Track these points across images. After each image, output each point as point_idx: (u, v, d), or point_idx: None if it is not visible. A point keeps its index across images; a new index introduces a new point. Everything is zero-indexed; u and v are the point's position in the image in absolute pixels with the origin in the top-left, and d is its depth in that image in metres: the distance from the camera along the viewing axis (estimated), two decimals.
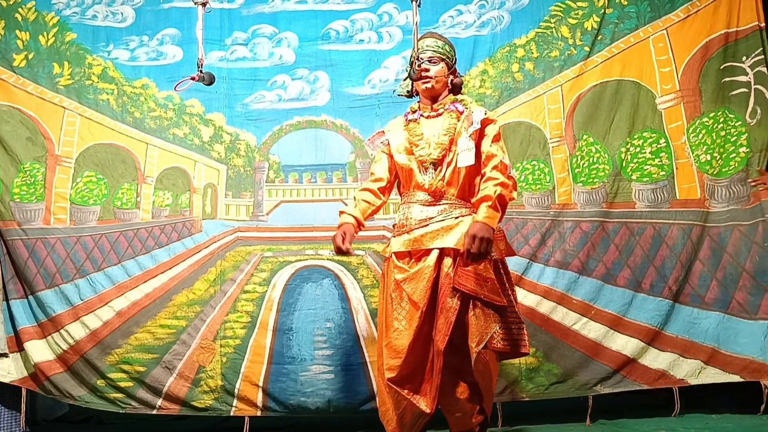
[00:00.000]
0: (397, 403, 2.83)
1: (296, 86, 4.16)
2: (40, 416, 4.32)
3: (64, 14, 4.18)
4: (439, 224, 2.89)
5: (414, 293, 2.81)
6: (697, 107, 4.01)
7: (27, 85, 4.09)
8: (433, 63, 3.01)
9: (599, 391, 3.87)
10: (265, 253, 4.03)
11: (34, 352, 3.89)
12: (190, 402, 3.86)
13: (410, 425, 2.85)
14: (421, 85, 3.02)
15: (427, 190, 2.96)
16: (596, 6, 4.12)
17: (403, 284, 2.84)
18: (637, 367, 3.86)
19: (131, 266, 4.00)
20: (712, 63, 4.01)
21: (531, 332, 3.76)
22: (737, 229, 3.90)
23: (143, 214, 4.07)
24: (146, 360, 3.89)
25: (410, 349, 2.79)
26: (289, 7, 4.23)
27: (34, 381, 3.91)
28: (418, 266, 2.85)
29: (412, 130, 3.03)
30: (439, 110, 3.03)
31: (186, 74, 3.89)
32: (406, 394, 2.81)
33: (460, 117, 2.98)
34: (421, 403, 2.80)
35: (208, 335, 3.92)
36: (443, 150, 2.95)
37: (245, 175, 4.13)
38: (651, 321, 3.88)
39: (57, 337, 3.90)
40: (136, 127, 4.12)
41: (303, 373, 3.84)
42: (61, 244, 3.98)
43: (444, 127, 2.97)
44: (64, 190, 4.04)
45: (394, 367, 2.79)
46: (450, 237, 2.84)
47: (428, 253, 2.86)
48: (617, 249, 3.98)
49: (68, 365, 3.89)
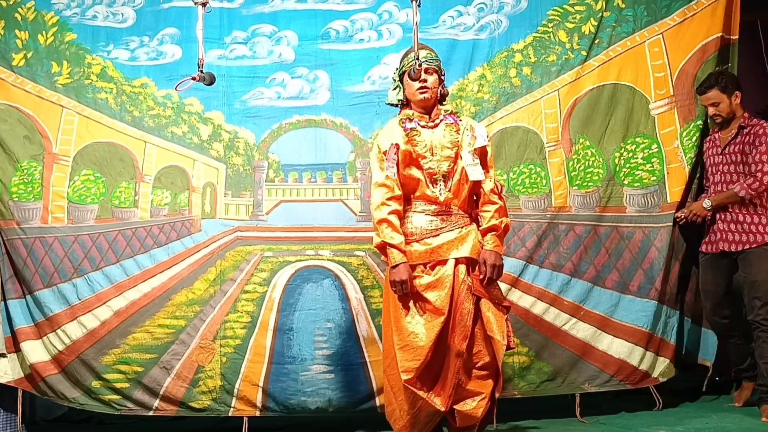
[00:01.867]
0: (413, 402, 2.98)
1: (296, 85, 4.15)
2: (39, 416, 4.33)
3: (65, 15, 4.13)
4: (450, 234, 3.05)
5: (437, 300, 2.96)
6: (691, 110, 4.08)
7: (25, 83, 4.05)
8: (428, 74, 3.12)
9: (587, 390, 3.98)
10: (266, 252, 4.04)
11: (31, 352, 3.89)
12: (188, 403, 3.87)
13: (424, 423, 3.02)
14: (419, 95, 3.12)
15: (435, 201, 3.07)
16: (594, 10, 4.14)
17: (425, 292, 2.98)
18: (624, 366, 3.96)
19: (130, 265, 3.99)
20: (708, 66, 4.07)
21: (524, 332, 3.95)
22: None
23: (141, 213, 4.05)
24: (144, 360, 3.89)
25: (430, 351, 2.93)
26: (289, 6, 4.20)
27: (30, 382, 3.91)
28: (439, 274, 3.00)
29: (415, 140, 3.09)
30: (436, 120, 3.15)
31: (185, 73, 3.92)
32: (423, 393, 2.94)
33: (459, 129, 3.12)
34: (436, 401, 2.95)
35: (208, 335, 3.92)
36: (451, 163, 3.09)
37: (244, 174, 4.12)
38: (637, 322, 3.99)
39: (53, 338, 3.88)
40: (134, 125, 4.08)
41: (303, 373, 3.88)
42: (59, 243, 3.96)
43: (448, 140, 3.10)
44: (62, 189, 4.01)
45: (412, 369, 2.92)
46: (464, 247, 3.04)
47: (443, 263, 3.02)
48: (607, 252, 4.07)
49: (62, 366, 3.88)
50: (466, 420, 3.02)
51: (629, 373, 3.97)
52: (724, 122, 3.91)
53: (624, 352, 3.97)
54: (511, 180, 4.09)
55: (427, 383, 2.98)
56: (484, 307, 2.98)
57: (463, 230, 3.06)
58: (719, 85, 3.84)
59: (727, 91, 3.85)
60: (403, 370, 2.92)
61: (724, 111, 3.87)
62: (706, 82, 3.90)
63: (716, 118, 3.91)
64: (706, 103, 3.91)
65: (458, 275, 3.00)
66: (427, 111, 3.17)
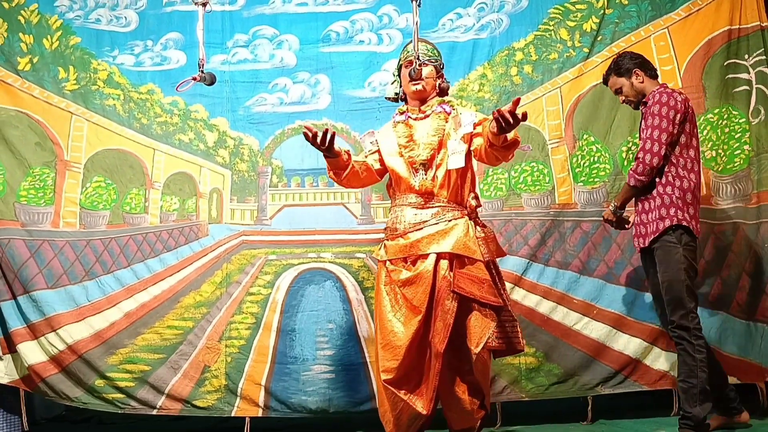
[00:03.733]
0: (394, 404, 2.87)
1: (297, 89, 4.21)
2: (39, 415, 4.41)
3: (67, 17, 4.20)
4: (434, 228, 2.92)
5: (414, 297, 2.85)
6: (701, 104, 3.98)
7: (33, 89, 4.12)
8: (423, 65, 3.04)
9: (600, 392, 3.89)
10: (270, 256, 4.10)
11: (28, 353, 3.92)
12: (192, 401, 3.93)
13: (407, 426, 2.90)
14: (412, 86, 3.06)
15: (417, 192, 2.99)
16: (595, 7, 4.11)
17: (402, 288, 2.88)
18: (640, 367, 3.87)
19: (140, 269, 4.09)
20: (716, 59, 3.98)
21: (530, 332, 3.88)
22: (741, 227, 3.87)
23: (151, 219, 4.15)
24: (152, 360, 3.98)
25: (407, 351, 2.82)
26: (290, 9, 4.26)
27: (28, 383, 3.95)
28: (417, 270, 2.87)
29: (401, 132, 3.08)
30: (426, 112, 3.08)
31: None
32: (403, 395, 2.84)
33: (447, 118, 3.03)
34: (417, 404, 2.84)
35: (214, 336, 4.00)
36: (432, 150, 3.00)
37: (249, 180, 4.20)
38: (654, 320, 3.83)
39: (52, 338, 3.92)
40: (143, 132, 4.19)
41: (305, 373, 3.92)
42: (69, 247, 4.06)
43: (433, 127, 3.02)
44: (74, 195, 4.11)
45: (391, 369, 2.83)
46: (446, 242, 2.87)
47: (425, 258, 2.89)
48: (619, 248, 3.98)
49: (63, 366, 3.92)
50: (461, 425, 2.96)
51: (644, 374, 3.86)
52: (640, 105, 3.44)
53: (640, 352, 3.87)
54: (513, 178, 4.07)
55: (409, 384, 2.86)
56: (467, 309, 2.84)
57: (449, 224, 2.91)
58: (614, 71, 3.45)
59: (624, 73, 3.42)
60: (382, 369, 2.85)
61: (630, 94, 3.43)
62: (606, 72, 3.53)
63: (629, 104, 3.50)
64: (614, 94, 3.53)
65: (439, 271, 2.85)
66: (422, 103, 3.11)
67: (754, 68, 3.96)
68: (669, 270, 3.20)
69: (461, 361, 2.85)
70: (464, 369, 2.86)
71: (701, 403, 3.13)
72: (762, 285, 3.78)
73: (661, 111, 3.21)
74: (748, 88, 3.96)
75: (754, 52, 3.96)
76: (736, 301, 3.83)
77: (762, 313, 3.76)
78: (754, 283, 3.80)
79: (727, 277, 3.86)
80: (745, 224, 3.88)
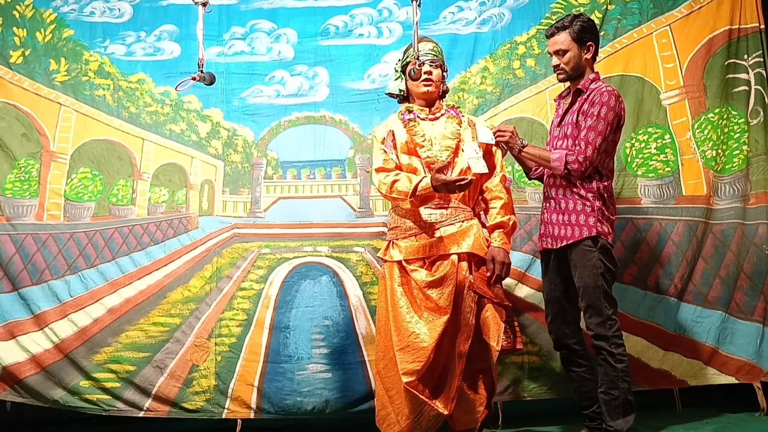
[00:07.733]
0: (414, 406, 2.88)
1: (295, 82, 4.13)
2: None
3: (62, 11, 4.18)
4: (451, 228, 2.98)
5: (440, 298, 2.88)
6: (702, 103, 3.99)
7: (23, 81, 4.08)
8: (434, 67, 3.11)
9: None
10: (263, 249, 3.96)
11: (2, 354, 3.75)
12: (181, 403, 3.76)
13: (426, 427, 2.90)
14: (423, 87, 3.10)
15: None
16: (598, 3, 4.11)
17: (427, 289, 2.89)
18: (641, 367, 3.77)
19: (125, 263, 3.93)
20: (717, 59, 4.00)
21: (534, 330, 3.83)
22: (740, 227, 3.87)
23: (139, 211, 4.02)
24: (137, 359, 3.81)
25: (434, 352, 2.83)
26: (288, 3, 4.21)
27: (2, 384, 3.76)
28: (442, 271, 2.91)
29: (413, 130, 3.07)
30: (437, 114, 3.13)
31: (183, 70, 3.98)
32: (426, 397, 2.84)
33: (461, 122, 3.09)
34: (438, 405, 2.85)
35: (203, 333, 3.84)
36: (451, 153, 3.03)
37: (243, 172, 4.08)
38: (656, 319, 3.83)
39: (37, 336, 3.78)
40: (131, 122, 4.08)
41: (300, 372, 3.77)
42: (53, 240, 3.92)
43: (449, 130, 3.08)
44: (59, 186, 3.99)
45: (414, 371, 2.82)
46: (465, 242, 2.95)
47: (445, 257, 2.94)
48: (623, 245, 3.91)
49: (44, 366, 3.76)
50: (465, 425, 2.95)
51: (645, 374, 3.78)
52: (570, 81, 3.14)
53: (641, 351, 3.79)
54: (517, 171, 3.98)
55: (429, 386, 2.87)
56: (484, 308, 2.92)
57: (464, 224, 2.99)
58: (571, 29, 3.04)
59: (580, 39, 3.05)
60: (403, 372, 2.83)
61: (570, 64, 3.06)
62: (558, 22, 3.12)
63: (559, 73, 3.12)
64: (552, 50, 3.11)
65: (460, 272, 2.92)
66: (429, 105, 3.16)
67: (752, 69, 4.00)
68: (584, 275, 2.98)
69: (478, 360, 2.92)
70: (479, 368, 2.94)
71: (624, 415, 2.95)
72: (760, 285, 3.81)
73: (608, 115, 2.96)
74: (747, 88, 4.00)
75: (753, 52, 4.01)
76: (734, 300, 3.84)
77: (760, 313, 3.79)
78: (753, 283, 3.83)
79: (726, 277, 3.85)
80: (744, 224, 3.89)
